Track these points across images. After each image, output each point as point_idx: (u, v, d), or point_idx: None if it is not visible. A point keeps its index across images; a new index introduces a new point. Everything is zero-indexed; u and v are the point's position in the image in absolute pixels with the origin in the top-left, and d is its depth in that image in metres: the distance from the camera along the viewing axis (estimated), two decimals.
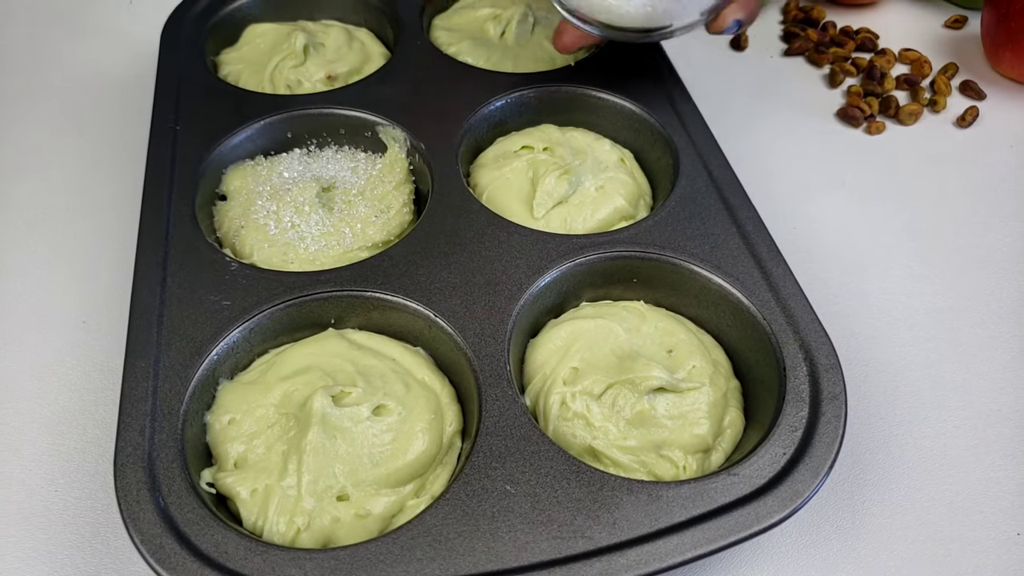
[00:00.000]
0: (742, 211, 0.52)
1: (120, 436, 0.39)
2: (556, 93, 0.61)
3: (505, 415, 0.41)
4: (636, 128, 0.60)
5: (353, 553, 0.36)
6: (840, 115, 0.69)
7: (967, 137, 0.68)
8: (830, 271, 0.56)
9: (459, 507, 0.38)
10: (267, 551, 0.36)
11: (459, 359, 0.44)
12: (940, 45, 0.77)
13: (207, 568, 0.35)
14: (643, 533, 0.37)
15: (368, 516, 0.39)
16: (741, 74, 0.74)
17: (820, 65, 0.75)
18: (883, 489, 0.45)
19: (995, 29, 0.71)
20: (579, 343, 0.46)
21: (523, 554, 0.36)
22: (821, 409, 0.42)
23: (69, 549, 0.42)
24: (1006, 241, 0.59)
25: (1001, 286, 0.56)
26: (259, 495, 0.39)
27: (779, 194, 0.61)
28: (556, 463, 0.39)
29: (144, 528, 0.36)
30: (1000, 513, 0.44)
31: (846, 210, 0.61)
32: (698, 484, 0.39)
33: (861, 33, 0.77)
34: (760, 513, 0.38)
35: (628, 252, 0.49)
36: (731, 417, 0.44)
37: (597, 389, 0.43)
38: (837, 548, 0.43)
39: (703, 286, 0.48)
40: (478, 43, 0.67)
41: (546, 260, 0.48)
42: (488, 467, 0.39)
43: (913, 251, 0.58)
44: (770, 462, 0.40)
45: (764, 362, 0.45)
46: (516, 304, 0.46)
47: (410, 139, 0.57)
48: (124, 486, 0.38)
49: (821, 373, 0.43)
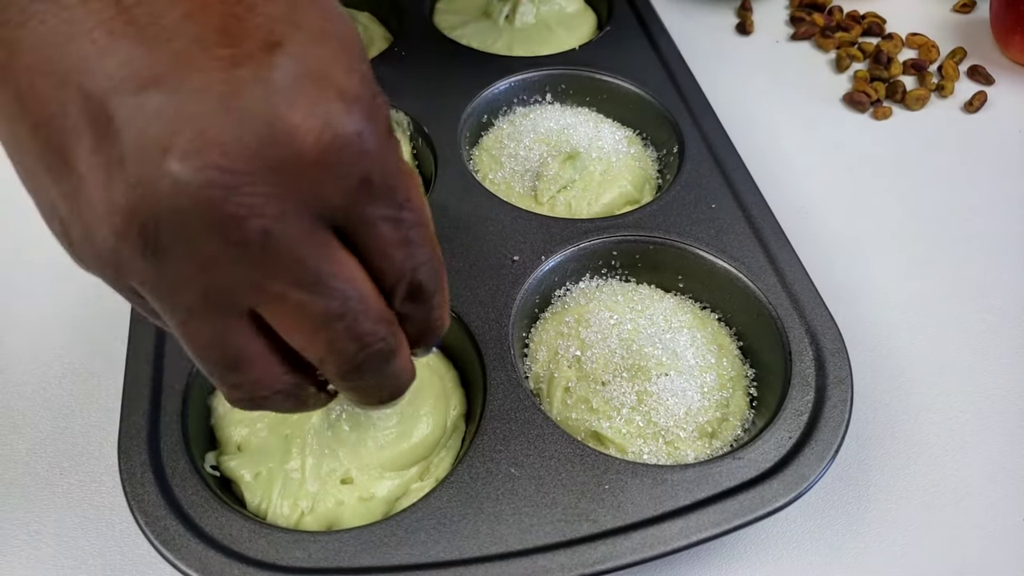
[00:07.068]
0: (748, 195, 0.51)
1: (124, 419, 0.39)
2: (560, 77, 0.61)
3: (509, 398, 0.41)
4: (641, 112, 0.59)
5: (357, 536, 0.36)
6: (846, 100, 0.69)
7: (975, 122, 0.67)
8: (836, 256, 0.56)
9: (463, 490, 0.38)
10: (271, 533, 0.36)
11: (463, 343, 0.44)
12: (948, 30, 0.76)
13: (211, 550, 0.35)
14: (648, 516, 0.37)
15: (372, 499, 0.39)
16: (747, 59, 0.74)
17: (826, 50, 0.74)
18: (888, 474, 0.45)
19: (1004, 13, 0.71)
20: (583, 327, 0.45)
21: (527, 537, 0.36)
22: (827, 394, 0.41)
23: (74, 531, 0.42)
24: (1014, 226, 0.59)
25: (1009, 271, 0.56)
26: (263, 478, 0.39)
27: (785, 178, 0.61)
28: (560, 446, 0.39)
29: (148, 510, 0.36)
30: (1006, 498, 0.44)
31: (852, 195, 0.61)
32: (703, 468, 0.39)
33: (868, 17, 0.76)
34: (765, 497, 0.37)
35: (633, 236, 0.49)
36: (736, 401, 0.44)
37: (601, 373, 0.43)
38: (842, 532, 0.43)
39: (708, 270, 0.48)
40: (481, 26, 0.66)
41: (550, 244, 0.48)
42: (492, 450, 0.39)
43: (920, 236, 0.58)
44: (775, 446, 0.39)
45: (770, 346, 0.45)
46: (520, 288, 0.46)
47: (413, 123, 0.56)
48: (128, 468, 0.38)
49: (827, 357, 0.43)
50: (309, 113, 0.21)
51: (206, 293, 0.23)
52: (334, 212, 0.23)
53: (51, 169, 0.22)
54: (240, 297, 0.23)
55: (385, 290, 0.26)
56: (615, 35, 0.64)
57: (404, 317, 0.27)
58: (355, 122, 0.22)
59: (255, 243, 0.22)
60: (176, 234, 0.21)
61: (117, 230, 0.21)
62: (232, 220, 0.21)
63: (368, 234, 0.24)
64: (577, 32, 0.67)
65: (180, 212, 0.21)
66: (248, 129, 0.21)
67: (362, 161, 0.22)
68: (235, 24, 0.21)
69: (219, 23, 0.21)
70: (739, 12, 0.78)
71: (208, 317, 0.23)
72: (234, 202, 0.21)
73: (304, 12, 0.22)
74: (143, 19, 0.21)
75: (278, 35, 0.22)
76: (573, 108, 0.60)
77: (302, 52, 0.22)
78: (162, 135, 0.20)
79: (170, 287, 0.22)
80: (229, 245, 0.21)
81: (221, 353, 0.24)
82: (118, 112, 0.21)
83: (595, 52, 0.62)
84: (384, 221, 0.24)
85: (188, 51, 0.21)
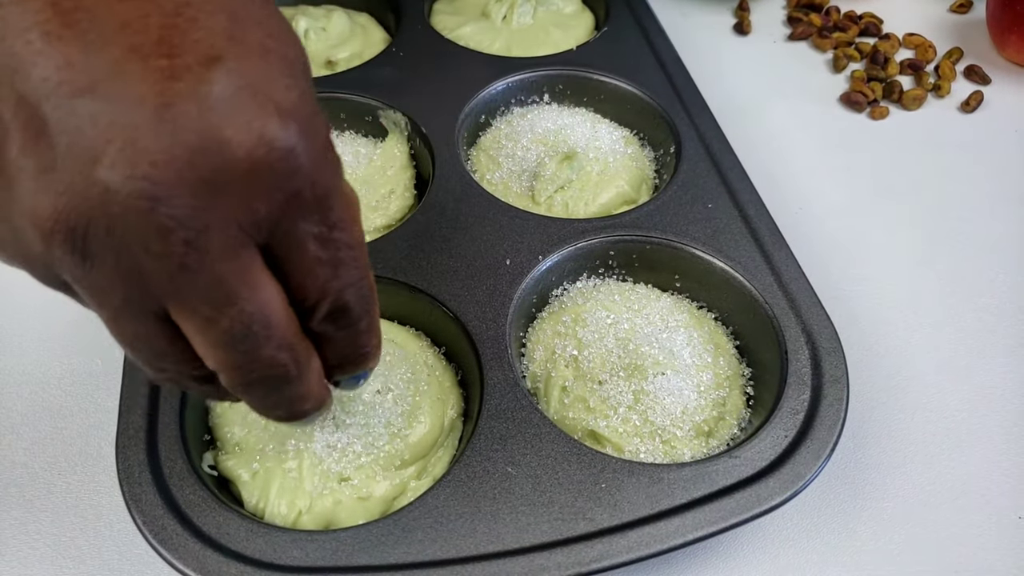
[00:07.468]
0: (744, 195, 0.51)
1: (122, 419, 0.39)
2: (558, 77, 0.61)
3: (506, 398, 0.41)
4: (638, 112, 0.59)
5: (355, 535, 0.36)
6: (844, 100, 0.69)
7: (971, 122, 0.67)
8: (832, 255, 0.56)
9: (460, 489, 0.38)
10: (269, 532, 0.36)
11: (461, 342, 0.44)
12: (945, 30, 0.77)
13: (209, 549, 0.35)
14: (644, 515, 0.37)
15: (370, 498, 0.39)
16: (744, 59, 0.74)
17: (824, 50, 0.74)
18: (884, 472, 0.45)
19: (1001, 13, 0.71)
20: (580, 327, 0.45)
21: (524, 535, 0.36)
22: (823, 392, 0.41)
23: (72, 531, 0.42)
24: (1010, 226, 0.59)
25: (1005, 271, 0.56)
26: (260, 477, 0.39)
27: (781, 178, 0.61)
28: (557, 445, 0.39)
29: (146, 510, 0.36)
30: (1002, 497, 0.44)
31: (849, 195, 0.61)
32: (699, 466, 0.39)
33: (865, 18, 0.77)
34: (761, 495, 0.38)
35: (630, 236, 0.49)
36: (733, 400, 0.44)
37: (598, 372, 0.43)
38: (838, 531, 0.43)
39: (705, 270, 0.48)
40: (479, 27, 0.66)
41: (548, 244, 0.48)
42: (490, 449, 0.39)
43: (916, 236, 0.58)
44: (771, 445, 0.40)
45: (766, 345, 0.45)
46: (517, 288, 0.46)
47: (411, 123, 0.56)
48: (126, 468, 0.38)
49: (823, 356, 0.43)
50: (244, 127, 0.21)
51: (128, 297, 0.23)
52: (260, 225, 0.23)
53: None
54: (158, 304, 0.23)
55: (305, 308, 0.26)
56: (612, 35, 0.65)
57: (325, 339, 0.27)
58: (290, 137, 0.22)
59: (176, 255, 0.22)
60: (103, 241, 0.21)
61: (45, 233, 0.21)
62: (157, 231, 0.21)
63: (294, 249, 0.24)
64: (574, 33, 0.67)
65: (108, 219, 0.21)
66: (180, 141, 0.21)
67: (294, 176, 0.22)
68: (175, 35, 0.21)
69: (158, 34, 0.21)
70: (736, 12, 0.79)
71: (131, 317, 0.24)
72: (161, 213, 0.21)
73: (246, 28, 0.23)
74: (81, 24, 0.21)
75: (218, 49, 0.22)
76: (570, 108, 0.60)
77: (241, 67, 0.22)
78: (94, 143, 0.20)
79: (96, 288, 0.23)
80: (151, 256, 0.22)
81: (144, 347, 0.25)
82: (51, 116, 0.20)
83: (592, 53, 0.63)
84: (312, 239, 0.24)
85: (125, 59, 0.21)
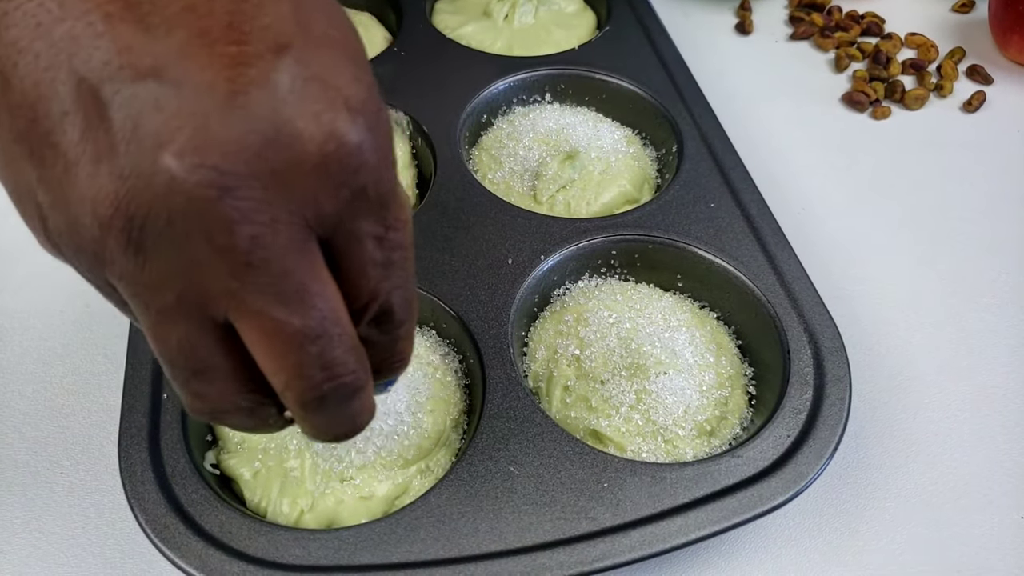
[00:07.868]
0: (746, 194, 0.51)
1: (124, 418, 0.40)
2: (559, 76, 0.61)
3: (508, 397, 0.41)
4: (640, 111, 0.59)
5: (357, 533, 0.36)
6: (845, 100, 0.69)
7: (974, 122, 0.67)
8: (835, 255, 0.56)
9: (463, 488, 0.38)
10: (271, 531, 0.36)
11: (463, 341, 0.44)
12: (947, 29, 0.76)
13: (211, 548, 0.35)
14: (647, 514, 0.37)
15: (372, 497, 0.39)
16: (746, 58, 0.74)
17: (825, 50, 0.74)
18: (887, 472, 0.45)
19: (1003, 13, 0.71)
20: (582, 326, 0.45)
21: (526, 535, 0.36)
22: (825, 392, 0.41)
23: (74, 530, 0.42)
24: (1012, 226, 0.59)
25: (1006, 271, 0.56)
26: (262, 476, 0.39)
27: (783, 178, 0.61)
28: (559, 445, 0.39)
29: (148, 509, 0.36)
30: (1004, 496, 0.44)
31: (851, 194, 0.61)
32: (702, 466, 0.39)
33: (867, 17, 0.77)
34: (763, 495, 0.38)
35: (632, 236, 0.49)
36: (735, 399, 0.44)
37: (600, 372, 0.43)
38: (840, 530, 0.43)
39: (707, 269, 0.48)
40: (481, 27, 0.66)
41: (550, 244, 0.48)
42: (492, 448, 0.39)
43: (918, 236, 0.58)
44: (774, 444, 0.40)
45: (768, 345, 0.45)
46: (519, 287, 0.46)
47: (413, 123, 0.56)
48: (128, 467, 0.38)
49: (825, 356, 0.43)
50: (315, 120, 0.21)
51: (182, 297, 0.21)
52: (324, 222, 0.22)
53: (33, 152, 0.21)
54: (216, 305, 0.22)
55: (354, 310, 0.24)
56: (614, 35, 0.65)
57: (367, 344, 0.26)
58: (359, 132, 0.21)
59: (242, 249, 0.20)
60: (162, 232, 0.20)
61: (102, 221, 0.20)
62: (223, 223, 0.20)
63: (353, 248, 0.23)
64: (576, 32, 0.67)
65: (170, 209, 0.20)
66: (252, 131, 0.20)
67: (361, 172, 0.22)
68: (242, 21, 0.20)
69: (227, 19, 0.20)
70: (738, 12, 0.78)
71: (180, 321, 0.22)
72: (228, 204, 0.20)
73: (310, 15, 0.22)
74: (143, 6, 0.20)
75: (287, 36, 0.21)
76: (572, 108, 0.60)
77: (309, 57, 0.21)
78: (161, 129, 0.19)
79: (147, 285, 0.21)
80: (215, 249, 0.20)
81: (187, 360, 0.23)
82: (113, 100, 0.20)
83: (594, 52, 0.63)
84: (370, 238, 0.23)
85: (192, 44, 0.20)
